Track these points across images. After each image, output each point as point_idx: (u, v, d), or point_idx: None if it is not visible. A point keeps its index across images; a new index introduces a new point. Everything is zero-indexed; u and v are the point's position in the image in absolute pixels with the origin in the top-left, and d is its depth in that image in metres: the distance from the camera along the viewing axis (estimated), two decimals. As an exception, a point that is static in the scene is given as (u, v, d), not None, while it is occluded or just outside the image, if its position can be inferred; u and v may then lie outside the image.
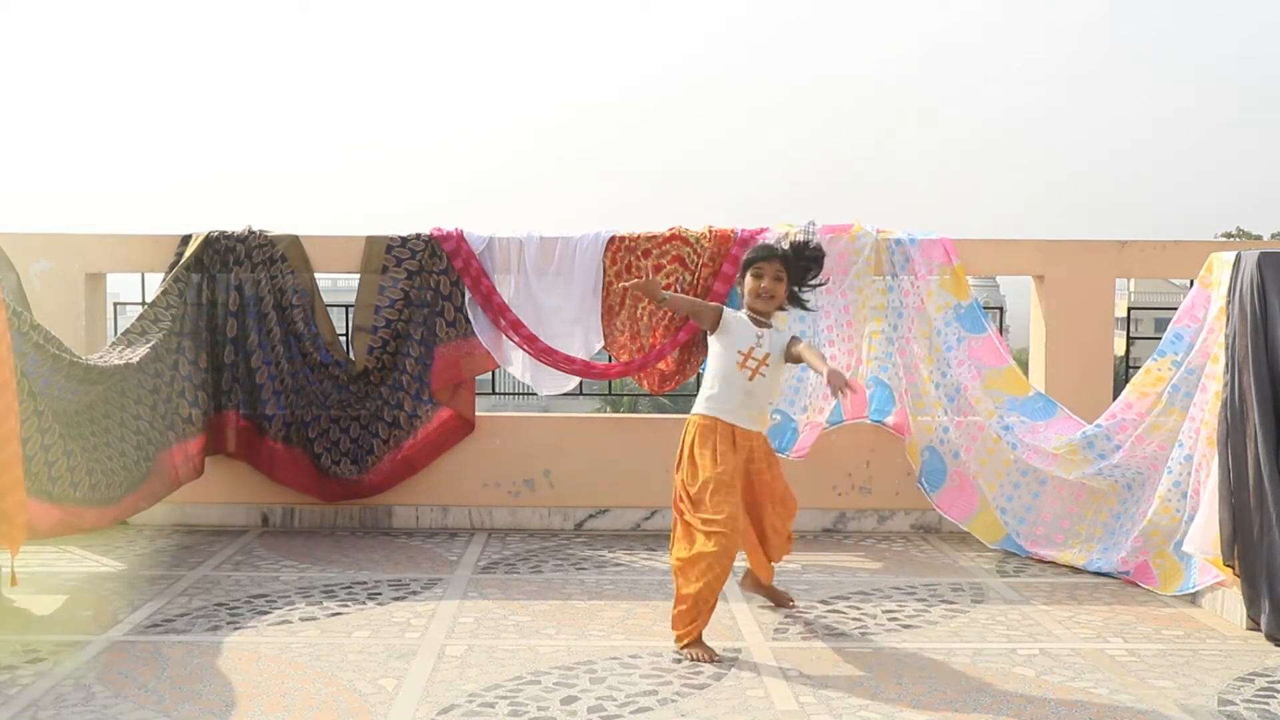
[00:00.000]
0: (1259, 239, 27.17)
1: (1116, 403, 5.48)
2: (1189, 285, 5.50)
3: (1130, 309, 8.85)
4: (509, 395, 7.76)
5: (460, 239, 6.31)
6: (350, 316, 6.47)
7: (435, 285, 6.29)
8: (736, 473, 4.35)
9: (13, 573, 4.66)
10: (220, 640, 4.36)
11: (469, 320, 6.31)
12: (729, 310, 4.49)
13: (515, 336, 6.28)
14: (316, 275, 6.36)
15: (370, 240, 6.34)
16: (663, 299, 4.45)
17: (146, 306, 5.89)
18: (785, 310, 4.64)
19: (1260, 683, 3.99)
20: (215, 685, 3.88)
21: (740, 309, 4.55)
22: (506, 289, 6.34)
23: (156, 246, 6.39)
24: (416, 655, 4.19)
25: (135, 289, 6.82)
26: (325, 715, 3.63)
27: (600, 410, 14.52)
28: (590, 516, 6.46)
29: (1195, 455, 4.89)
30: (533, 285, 6.34)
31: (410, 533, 6.33)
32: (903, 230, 6.26)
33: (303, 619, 4.65)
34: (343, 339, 6.48)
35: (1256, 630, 4.53)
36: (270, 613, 4.73)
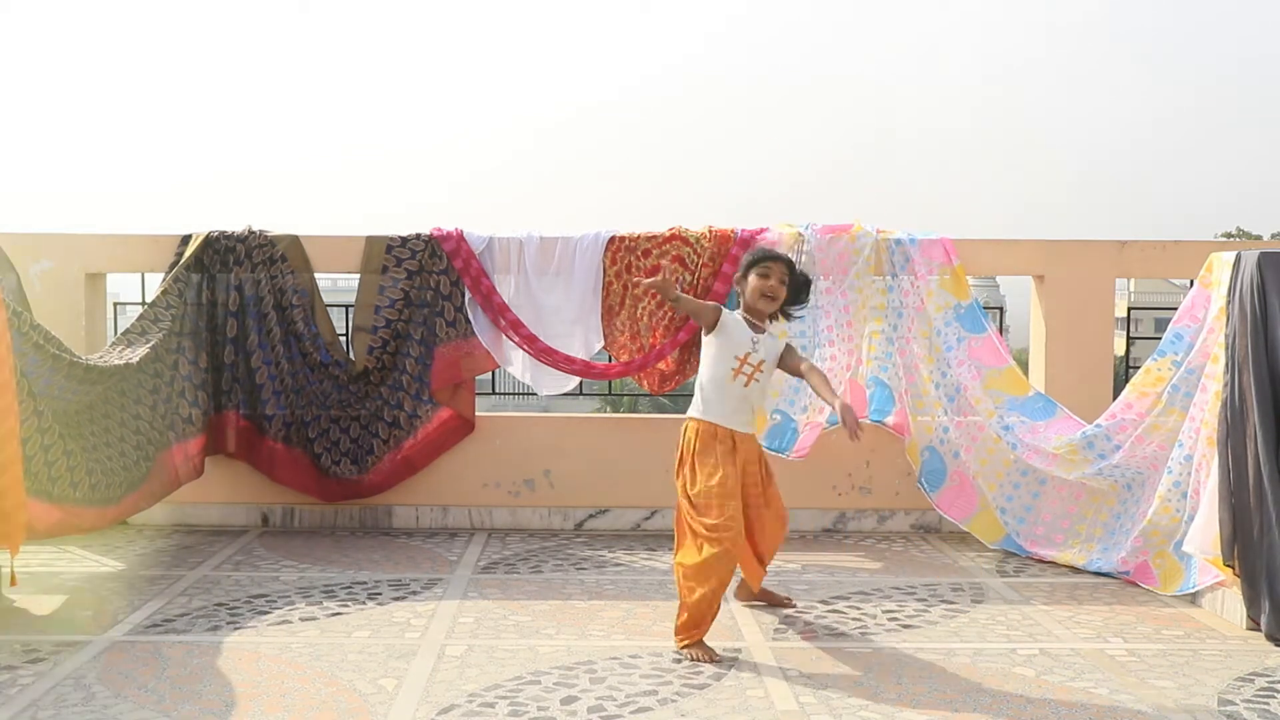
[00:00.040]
0: (1259, 239, 27.17)
1: (1116, 403, 5.48)
2: (1189, 285, 5.50)
3: (1130, 309, 8.85)
4: (509, 395, 7.76)
5: (460, 239, 6.31)
6: (350, 316, 6.47)
7: (435, 285, 6.29)
8: (737, 478, 4.36)
9: (12, 573, 4.67)
10: (220, 640, 4.36)
11: (469, 320, 6.31)
12: (727, 311, 4.50)
13: (515, 336, 6.28)
14: (316, 275, 6.36)
15: (370, 240, 6.34)
16: (677, 298, 4.39)
17: (146, 306, 5.89)
18: (778, 321, 4.63)
19: (1260, 683, 3.99)
20: (215, 685, 3.88)
21: (736, 309, 4.56)
22: (506, 289, 6.34)
23: (156, 246, 6.39)
24: (416, 655, 4.19)
25: (135, 289, 6.83)
26: (325, 715, 3.63)
27: (600, 410, 14.51)
28: (590, 516, 6.46)
29: (1195, 455, 4.89)
30: (533, 285, 6.34)
31: (410, 533, 6.33)
32: (903, 230, 6.27)
33: (303, 619, 4.65)
34: (343, 339, 6.48)
35: (1256, 630, 4.53)
36: (270, 613, 4.73)
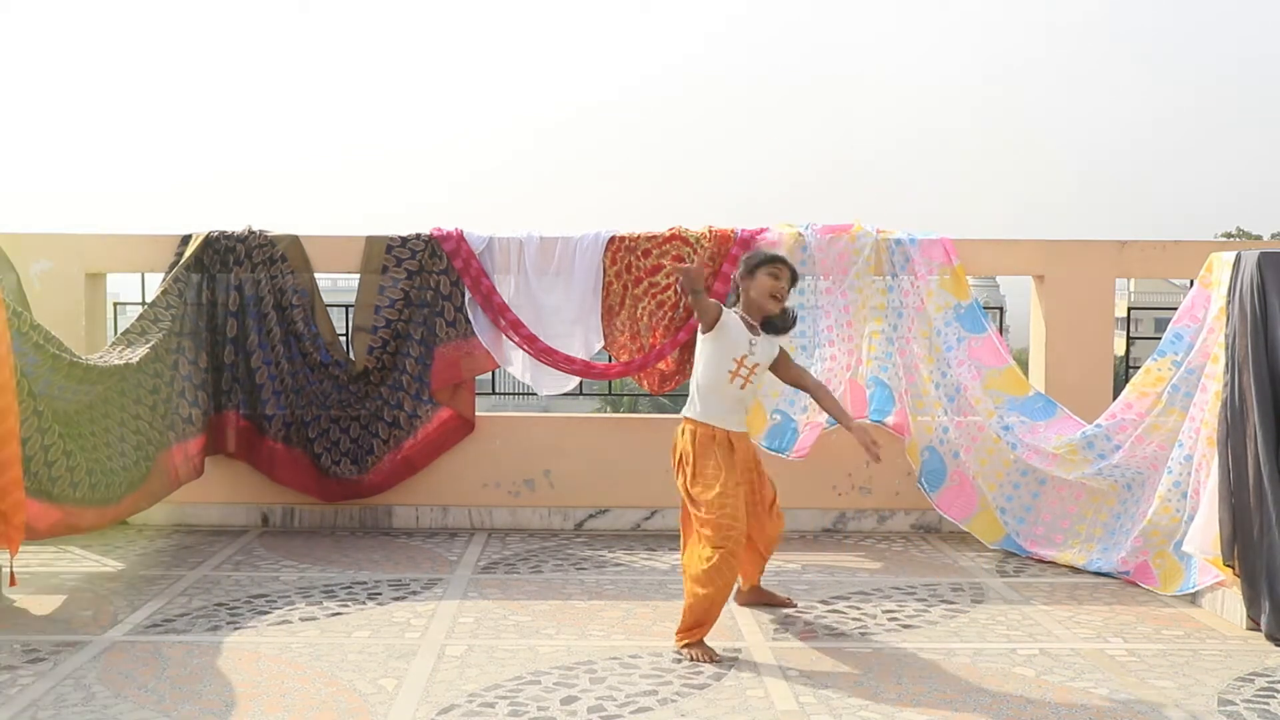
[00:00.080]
0: (1259, 239, 27.18)
1: (1116, 403, 5.48)
2: (1189, 285, 5.50)
3: (1130, 309, 8.85)
4: (509, 395, 7.76)
5: (460, 239, 6.31)
6: (350, 316, 6.47)
7: (435, 285, 6.29)
8: (738, 480, 4.36)
9: (12, 573, 4.67)
10: (220, 640, 4.36)
11: (469, 320, 6.31)
12: (727, 310, 4.48)
13: (515, 336, 6.28)
14: (316, 275, 6.36)
15: (370, 240, 6.34)
16: (697, 291, 4.30)
17: (146, 306, 5.89)
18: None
19: (1260, 683, 3.99)
20: (215, 685, 3.88)
21: (734, 307, 4.53)
22: (506, 289, 6.34)
23: (156, 246, 6.39)
24: (416, 655, 4.19)
25: (135, 289, 6.83)
26: (325, 715, 3.63)
27: (600, 410, 14.51)
28: (590, 516, 6.46)
29: (1195, 455, 4.89)
30: (533, 285, 6.34)
31: (410, 533, 6.33)
32: (903, 230, 6.27)
33: (303, 619, 4.65)
34: (343, 339, 6.48)
35: (1256, 630, 4.53)
36: (270, 613, 4.73)
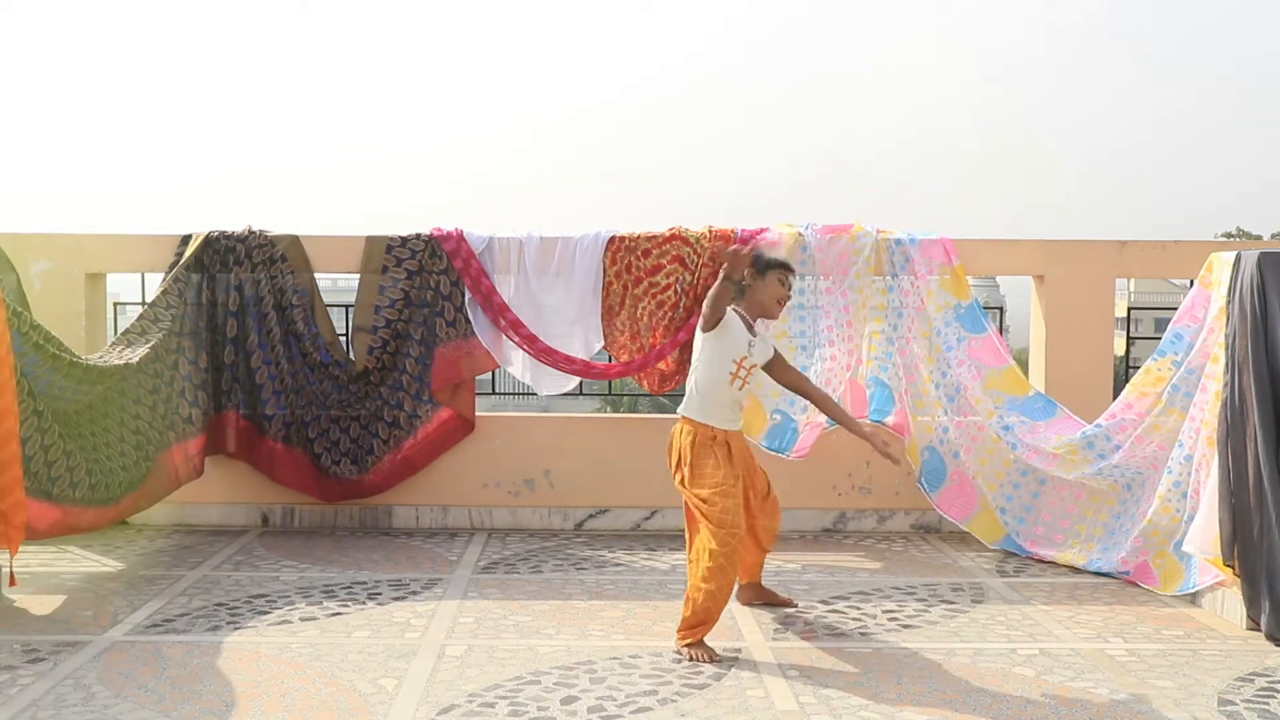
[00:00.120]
0: (1259, 239, 27.17)
1: (1116, 403, 5.47)
2: (1189, 285, 5.50)
3: (1130, 309, 8.86)
4: (509, 395, 7.76)
5: (460, 239, 6.31)
6: (350, 316, 6.47)
7: (435, 285, 6.29)
8: (737, 477, 4.37)
9: (11, 573, 4.67)
10: (220, 640, 4.36)
11: (469, 320, 6.30)
12: (730, 309, 4.46)
13: (515, 336, 6.27)
14: (316, 275, 6.37)
15: (370, 240, 6.34)
16: (733, 281, 4.23)
17: (146, 306, 5.89)
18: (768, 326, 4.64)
19: (1260, 683, 3.99)
20: (215, 685, 3.88)
21: (733, 303, 4.49)
22: (506, 289, 6.34)
23: (156, 246, 6.39)
24: (416, 655, 4.19)
25: (135, 289, 6.83)
26: (325, 715, 3.63)
27: (600, 410, 14.50)
28: (590, 516, 6.45)
29: (1195, 455, 4.89)
30: (533, 285, 6.34)
31: (410, 533, 6.33)
32: (903, 230, 6.27)
33: (303, 619, 4.65)
34: (343, 339, 6.48)
35: (1256, 630, 4.53)
36: (270, 613, 4.73)
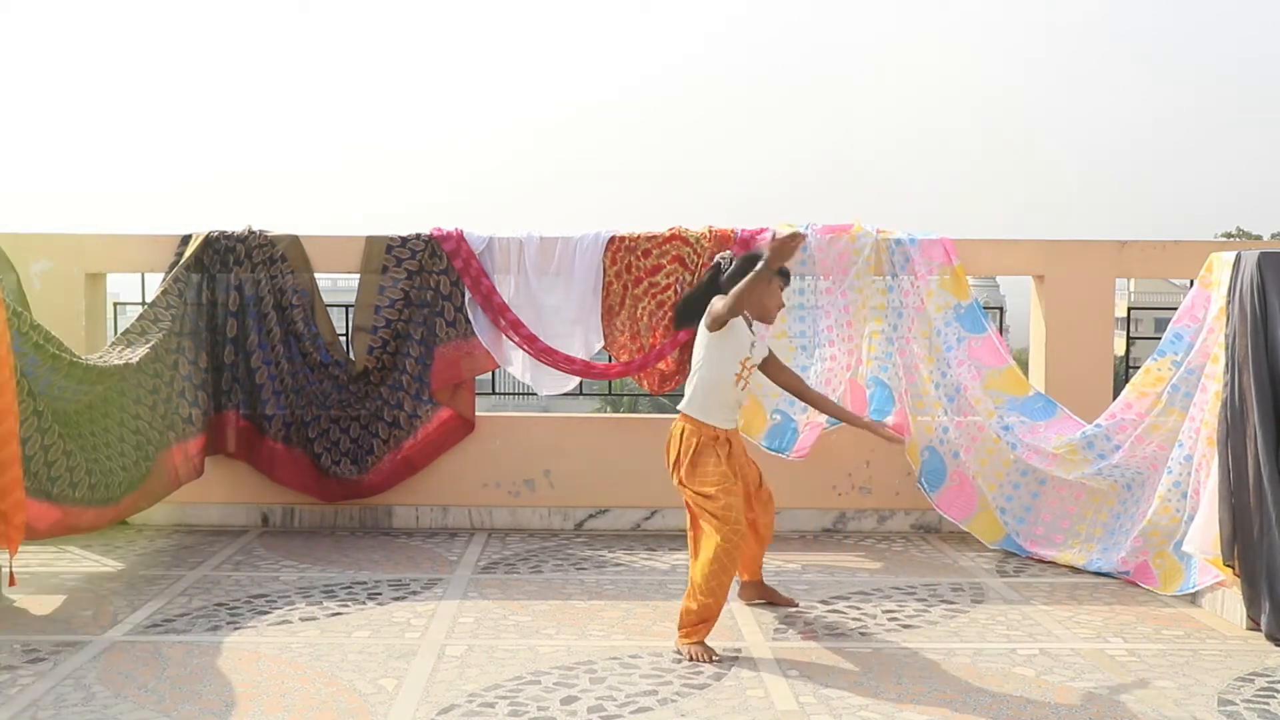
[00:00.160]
0: (1259, 239, 27.17)
1: (1116, 403, 5.47)
2: (1189, 285, 5.50)
3: (1130, 309, 8.86)
4: (509, 395, 7.76)
5: (460, 239, 6.31)
6: (350, 316, 6.47)
7: (435, 285, 6.29)
8: (736, 474, 4.39)
9: (11, 573, 4.67)
10: (220, 640, 4.36)
11: (469, 320, 6.30)
12: None
13: (515, 336, 6.27)
14: (316, 275, 6.36)
15: (370, 240, 6.34)
16: (773, 272, 4.20)
17: (146, 306, 5.89)
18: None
19: (1260, 683, 3.99)
20: (215, 685, 3.88)
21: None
22: (506, 289, 6.34)
23: (156, 246, 6.39)
24: (416, 655, 4.19)
25: (135, 289, 6.83)
26: (325, 715, 3.63)
27: (600, 410, 14.51)
28: (590, 516, 6.45)
29: (1195, 455, 4.89)
30: (533, 285, 6.34)
31: (410, 533, 6.33)
32: (903, 230, 6.26)
33: (303, 619, 4.65)
34: (343, 339, 6.48)
35: (1256, 630, 4.53)
36: (270, 613, 4.73)
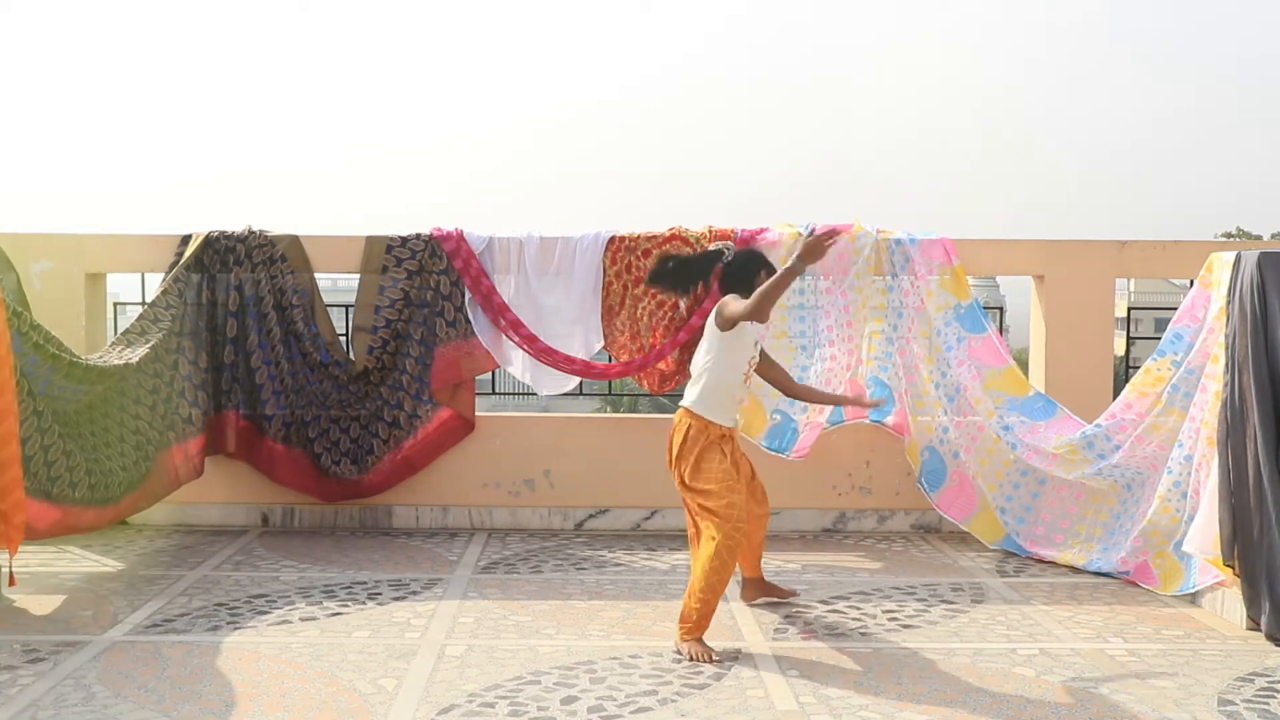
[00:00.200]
0: (1259, 239, 27.17)
1: (1116, 403, 5.47)
2: (1189, 285, 5.50)
3: (1130, 309, 8.86)
4: (509, 395, 7.76)
5: (460, 239, 6.31)
6: (350, 316, 6.47)
7: (435, 285, 6.29)
8: (739, 471, 4.41)
9: (11, 573, 4.67)
10: (220, 640, 4.36)
11: (469, 320, 6.30)
12: None
13: (515, 336, 6.27)
14: (316, 275, 6.37)
15: (370, 240, 6.34)
16: (801, 273, 4.13)
17: (146, 306, 5.89)
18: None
19: (1260, 683, 3.99)
20: (215, 685, 3.88)
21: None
22: (506, 289, 6.34)
23: (156, 246, 6.39)
24: (416, 655, 4.19)
25: (135, 289, 6.83)
26: (325, 715, 3.63)
27: (600, 410, 14.50)
28: (590, 516, 6.45)
29: (1195, 455, 4.89)
30: (533, 285, 6.34)
31: (410, 533, 6.33)
32: (903, 230, 6.26)
33: (303, 619, 4.65)
34: (343, 339, 6.48)
35: (1256, 630, 4.53)
36: (270, 613, 4.73)
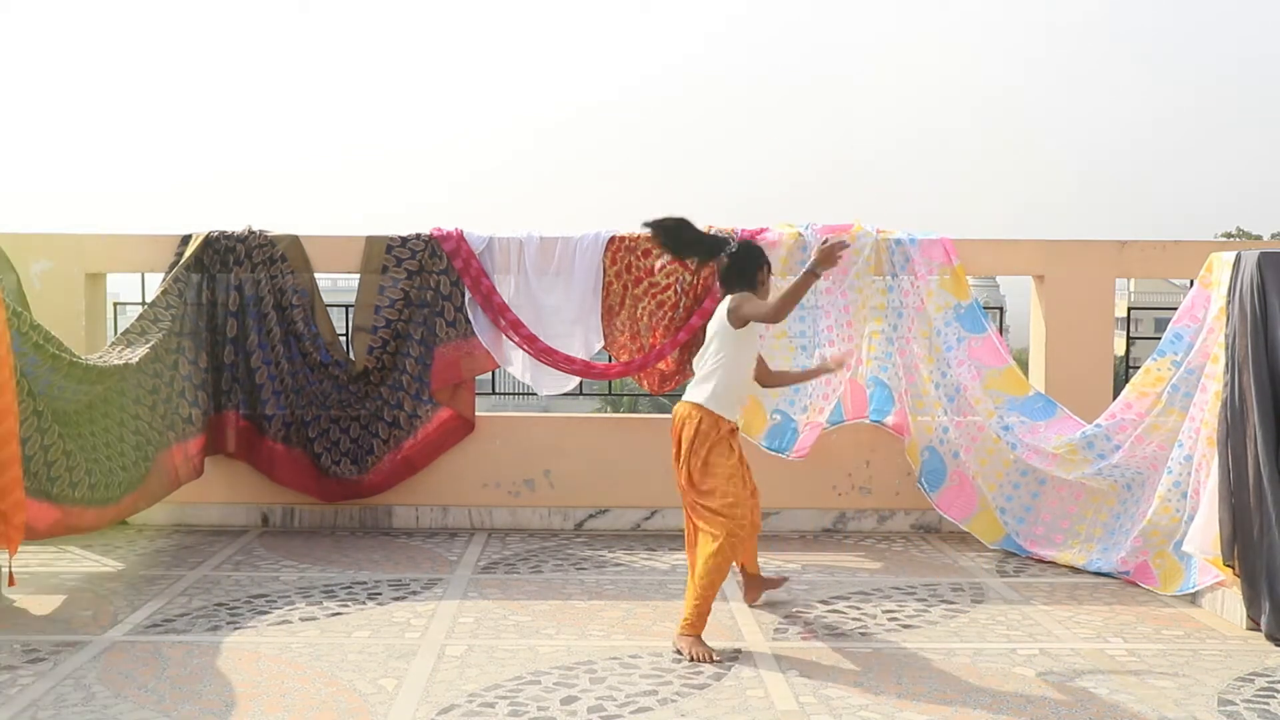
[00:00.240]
0: (1259, 239, 27.17)
1: (1116, 403, 5.47)
2: (1189, 285, 5.50)
3: (1130, 309, 8.86)
4: (509, 395, 7.76)
5: (460, 239, 6.31)
6: (350, 316, 6.47)
7: (435, 285, 6.29)
8: (741, 466, 4.42)
9: (11, 573, 4.67)
10: (220, 640, 4.36)
11: (469, 320, 6.30)
12: None
13: (515, 336, 6.27)
14: (316, 275, 6.36)
15: (370, 240, 6.34)
16: (818, 276, 4.20)
17: (146, 306, 5.89)
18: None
19: (1260, 683, 3.99)
20: (215, 685, 3.88)
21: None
22: (506, 289, 6.34)
23: (156, 246, 6.39)
24: (416, 655, 4.19)
25: (135, 289, 6.83)
26: (325, 715, 3.63)
27: (600, 410, 14.51)
28: (590, 516, 6.45)
29: (1195, 455, 4.89)
30: (533, 285, 6.34)
31: (410, 533, 6.33)
32: (903, 230, 6.26)
33: (303, 619, 4.65)
34: (343, 339, 6.48)
35: (1256, 630, 4.53)
36: (270, 613, 4.73)
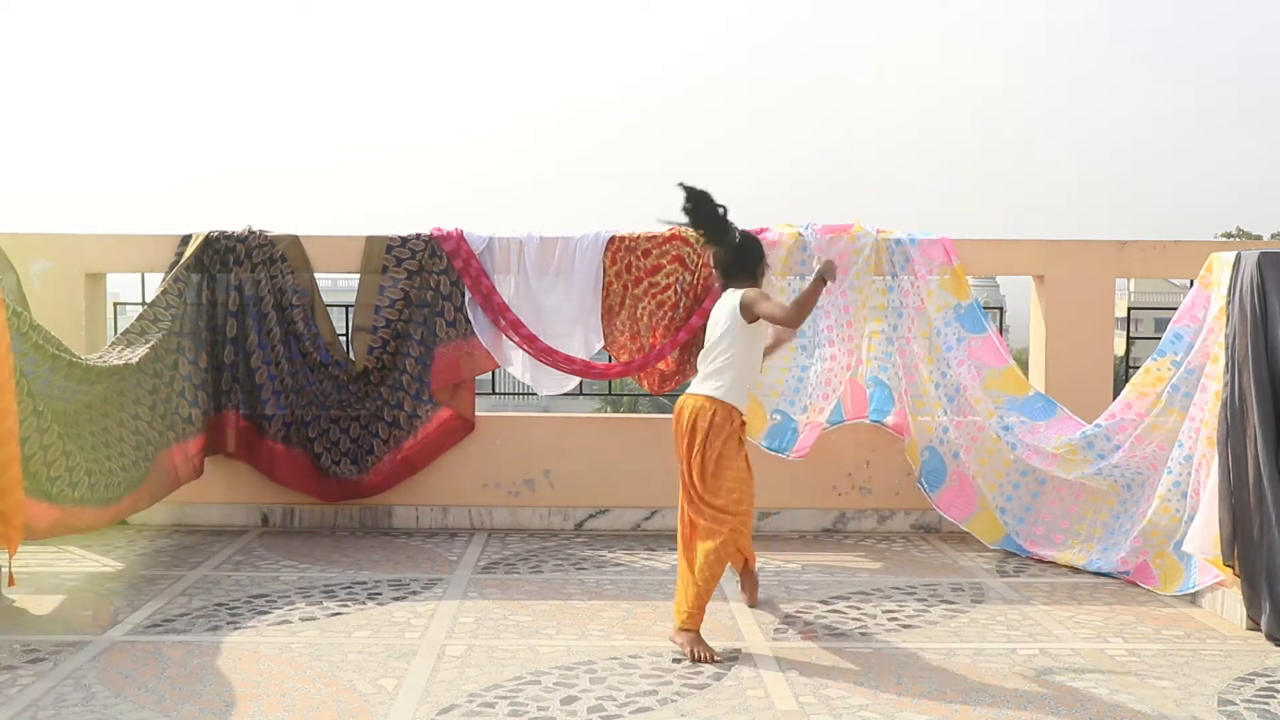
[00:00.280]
0: (1259, 239, 27.17)
1: (1116, 403, 5.47)
2: (1189, 285, 5.50)
3: (1130, 309, 8.86)
4: (509, 395, 7.76)
5: (460, 239, 6.31)
6: (350, 316, 6.47)
7: (435, 285, 6.29)
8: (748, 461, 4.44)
9: (10, 573, 4.67)
10: (220, 640, 4.36)
11: (469, 320, 6.30)
12: None
13: (515, 336, 6.27)
14: (316, 275, 6.36)
15: (370, 240, 6.34)
16: (825, 284, 4.24)
17: (146, 306, 5.89)
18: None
19: (1260, 683, 3.99)
20: (215, 685, 3.88)
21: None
22: (506, 289, 6.34)
23: (156, 246, 6.39)
24: (416, 655, 4.20)
25: (135, 289, 6.83)
26: (325, 715, 3.63)
27: (600, 410, 14.51)
28: (590, 516, 6.45)
29: (1195, 455, 4.89)
30: (533, 285, 6.34)
31: (410, 533, 6.33)
32: (903, 230, 6.26)
33: (303, 619, 4.66)
34: (343, 339, 6.48)
35: (1256, 630, 4.53)
36: (270, 613, 4.73)
